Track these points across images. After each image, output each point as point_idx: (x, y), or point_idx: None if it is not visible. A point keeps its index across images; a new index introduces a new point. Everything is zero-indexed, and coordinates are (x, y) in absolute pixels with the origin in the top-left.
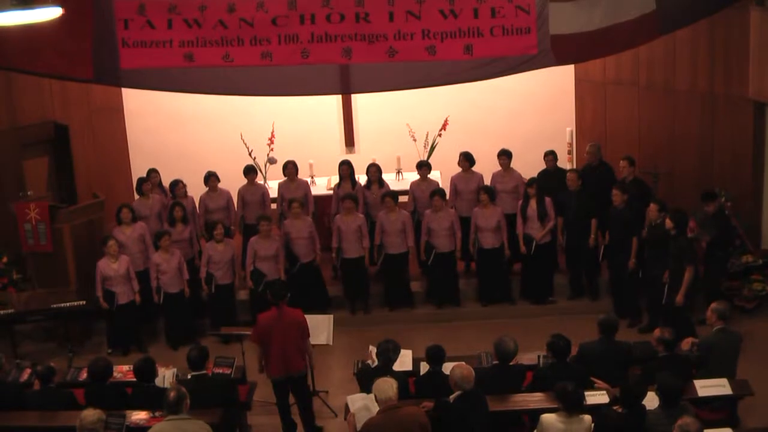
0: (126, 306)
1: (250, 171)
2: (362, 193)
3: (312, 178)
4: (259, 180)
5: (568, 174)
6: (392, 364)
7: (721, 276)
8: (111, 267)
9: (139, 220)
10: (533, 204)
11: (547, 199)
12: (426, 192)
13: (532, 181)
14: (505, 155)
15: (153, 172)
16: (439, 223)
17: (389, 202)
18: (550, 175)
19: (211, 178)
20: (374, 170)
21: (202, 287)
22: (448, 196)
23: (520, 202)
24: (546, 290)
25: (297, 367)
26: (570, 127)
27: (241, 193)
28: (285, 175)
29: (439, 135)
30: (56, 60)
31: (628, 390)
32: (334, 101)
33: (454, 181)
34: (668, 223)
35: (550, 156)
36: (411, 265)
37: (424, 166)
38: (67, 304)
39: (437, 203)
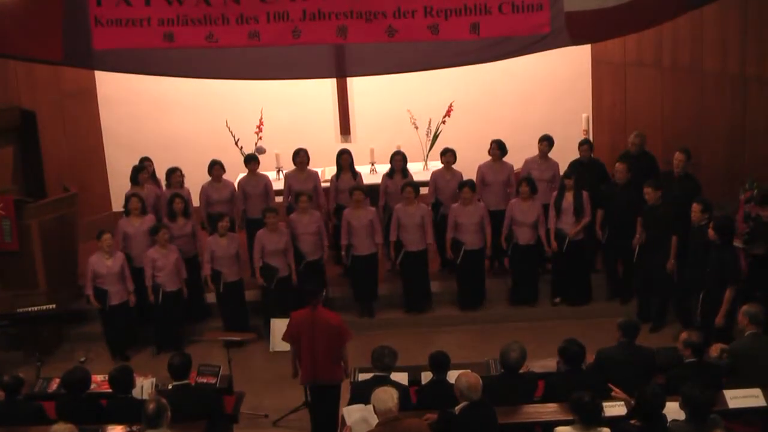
0: (119, 307)
1: (251, 160)
2: (384, 182)
3: None
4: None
5: (616, 165)
6: (390, 372)
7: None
8: (104, 264)
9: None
10: (569, 197)
11: (584, 194)
12: (450, 183)
13: (569, 172)
14: (546, 141)
15: (146, 161)
16: (469, 218)
17: (409, 193)
18: (585, 167)
19: (215, 167)
20: (399, 159)
21: (206, 287)
22: None
23: (555, 194)
24: (583, 292)
25: (326, 375)
26: (586, 113)
27: (242, 184)
28: (295, 164)
29: (443, 122)
30: (23, 40)
31: (643, 401)
32: (329, 85)
33: (482, 171)
34: (711, 233)
35: (585, 146)
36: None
37: (448, 153)
38: (35, 308)
39: (467, 195)
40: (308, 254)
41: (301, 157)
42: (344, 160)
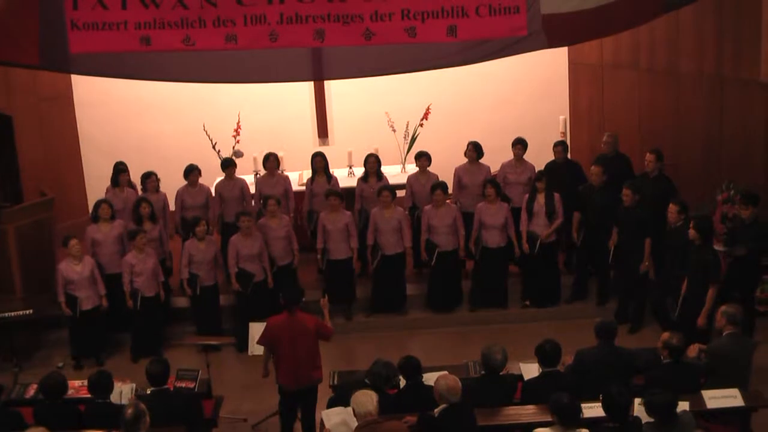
0: (90, 312)
1: (228, 164)
2: (359, 186)
3: (282, 172)
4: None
5: (592, 168)
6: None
7: (754, 288)
8: (74, 269)
9: (117, 218)
10: (540, 199)
11: (556, 195)
12: (425, 186)
13: (541, 174)
14: (520, 144)
15: (123, 165)
16: (441, 220)
17: (386, 197)
18: (559, 168)
19: (192, 173)
20: (373, 161)
21: (171, 292)
22: (451, 190)
23: (526, 196)
24: (554, 294)
25: (308, 378)
26: (563, 115)
27: (218, 189)
28: (265, 169)
29: (421, 125)
30: None
31: (609, 400)
32: (306, 88)
33: (459, 173)
34: (692, 233)
35: (559, 147)
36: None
37: (422, 157)
38: (12, 313)
39: (439, 198)
40: (278, 259)
41: (270, 161)
42: (317, 162)
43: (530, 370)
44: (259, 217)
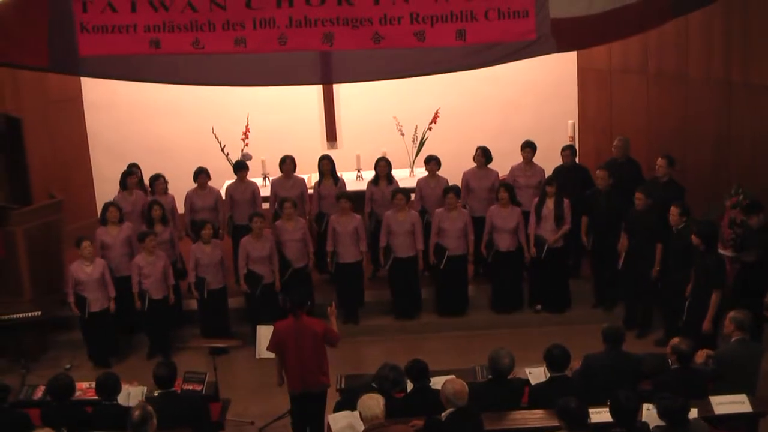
0: (99, 314)
1: (241, 167)
2: (369, 189)
3: None
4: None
5: (597, 172)
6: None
7: (762, 294)
8: (84, 271)
9: (125, 220)
10: (550, 203)
11: (566, 201)
12: (435, 189)
13: (551, 179)
14: (529, 147)
15: (135, 167)
16: (452, 224)
17: (400, 200)
18: (567, 172)
19: (201, 175)
20: (384, 165)
21: (182, 294)
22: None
23: (535, 200)
24: (563, 299)
25: (315, 382)
26: (572, 119)
27: (229, 191)
28: (282, 171)
29: (429, 129)
30: (8, 47)
31: (617, 405)
32: (315, 92)
33: (467, 178)
34: (695, 239)
35: (567, 151)
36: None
37: (432, 161)
38: (21, 315)
39: (451, 201)
40: (294, 261)
41: (287, 164)
42: (324, 165)
43: (537, 374)
44: (276, 219)
